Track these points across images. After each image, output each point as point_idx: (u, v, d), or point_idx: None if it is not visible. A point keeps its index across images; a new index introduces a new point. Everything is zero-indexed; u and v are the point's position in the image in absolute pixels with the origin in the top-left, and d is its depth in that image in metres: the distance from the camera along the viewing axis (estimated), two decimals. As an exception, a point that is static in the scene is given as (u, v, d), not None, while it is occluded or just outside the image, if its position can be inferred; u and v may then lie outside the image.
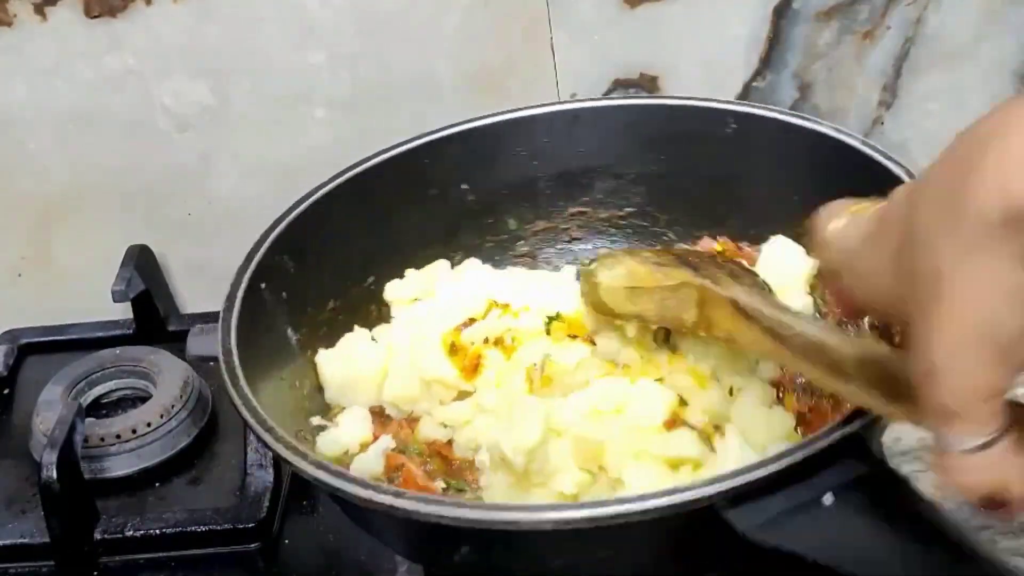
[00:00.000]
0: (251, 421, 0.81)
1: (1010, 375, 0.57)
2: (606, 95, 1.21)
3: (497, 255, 1.09)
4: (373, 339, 1.00)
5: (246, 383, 0.84)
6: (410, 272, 1.05)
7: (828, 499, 0.69)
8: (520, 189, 1.09)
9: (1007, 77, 1.18)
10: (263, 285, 0.95)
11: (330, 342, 1.00)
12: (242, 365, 0.86)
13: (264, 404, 0.83)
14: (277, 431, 0.80)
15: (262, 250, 0.96)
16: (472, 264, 1.07)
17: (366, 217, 1.04)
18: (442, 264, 1.06)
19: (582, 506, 0.73)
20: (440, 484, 0.91)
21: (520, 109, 1.08)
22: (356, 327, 1.01)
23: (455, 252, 1.08)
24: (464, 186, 1.08)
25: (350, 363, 0.98)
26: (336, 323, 1.02)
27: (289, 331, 0.98)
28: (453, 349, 0.96)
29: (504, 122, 1.07)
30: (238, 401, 0.83)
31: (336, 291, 1.02)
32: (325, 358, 0.98)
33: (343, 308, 1.03)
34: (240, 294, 0.92)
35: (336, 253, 1.02)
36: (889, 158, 0.92)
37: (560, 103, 1.11)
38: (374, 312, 1.04)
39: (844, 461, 0.71)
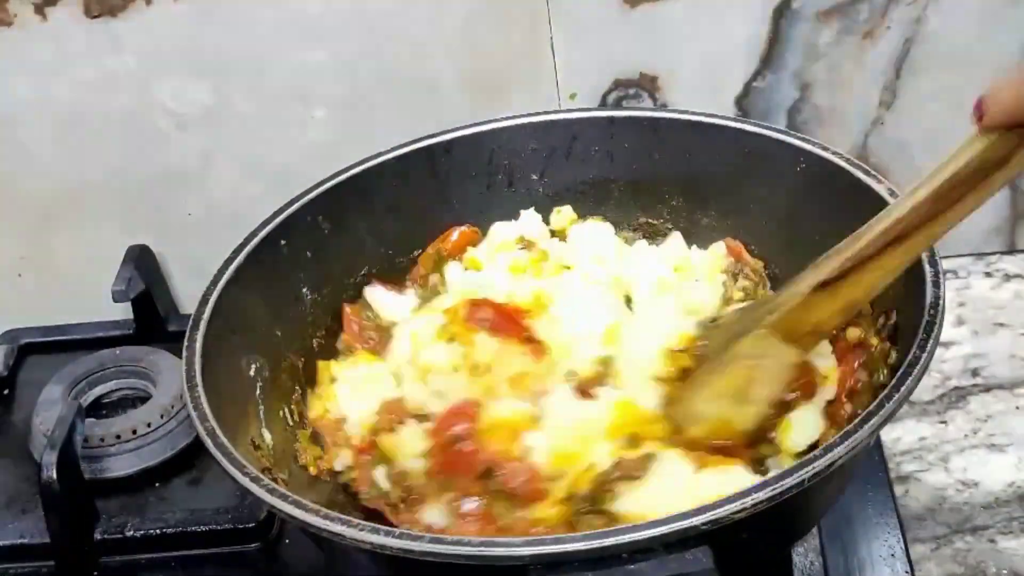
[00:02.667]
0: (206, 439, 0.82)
1: None
2: (606, 95, 1.21)
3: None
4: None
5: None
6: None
7: None
8: (592, 188, 1.09)
9: (1007, 77, 1.18)
10: (283, 242, 0.99)
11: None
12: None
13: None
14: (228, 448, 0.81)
15: (298, 205, 1.01)
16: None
17: (426, 189, 1.07)
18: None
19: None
20: None
21: (604, 108, 1.11)
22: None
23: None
24: (534, 176, 1.09)
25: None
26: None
27: (305, 290, 1.01)
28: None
29: (584, 119, 1.08)
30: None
31: (373, 258, 1.05)
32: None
33: (378, 275, 1.06)
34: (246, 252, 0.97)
35: (381, 219, 1.05)
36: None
37: (644, 110, 1.14)
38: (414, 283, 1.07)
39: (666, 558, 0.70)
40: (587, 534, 0.70)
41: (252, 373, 0.95)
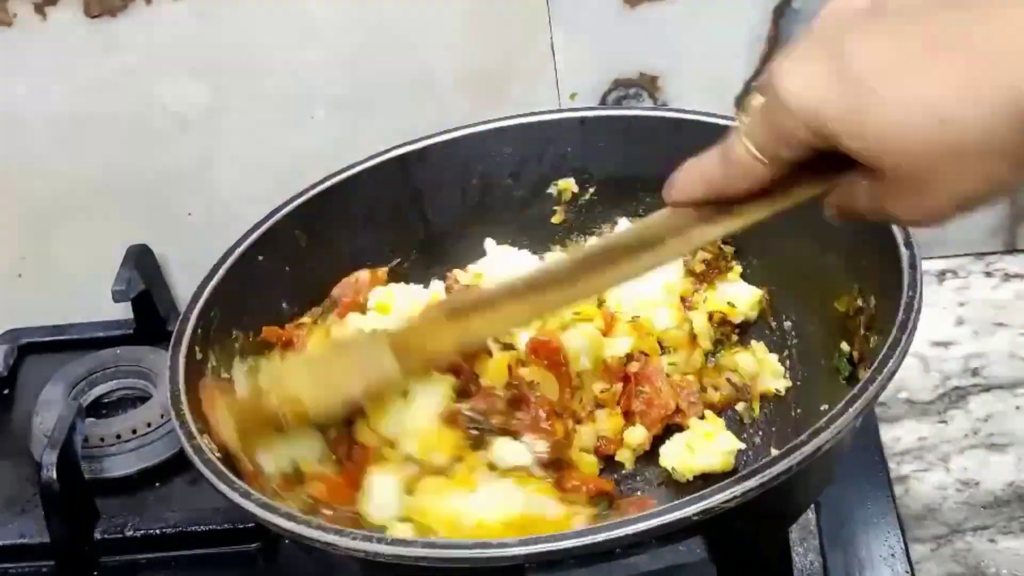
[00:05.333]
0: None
1: None
2: (606, 95, 1.21)
3: (537, 248, 1.10)
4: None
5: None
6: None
7: None
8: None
9: (1007, 77, 1.18)
10: (260, 257, 0.98)
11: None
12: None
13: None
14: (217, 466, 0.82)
15: (274, 219, 1.00)
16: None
17: (401, 197, 1.06)
18: None
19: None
20: None
21: (575, 110, 1.10)
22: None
23: (501, 240, 1.09)
24: (508, 180, 1.08)
25: None
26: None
27: (284, 304, 1.00)
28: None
29: (556, 120, 1.08)
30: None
31: (351, 270, 1.05)
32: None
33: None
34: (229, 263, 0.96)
35: (358, 230, 1.05)
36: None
37: (613, 108, 1.14)
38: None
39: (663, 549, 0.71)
40: (579, 531, 0.70)
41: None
